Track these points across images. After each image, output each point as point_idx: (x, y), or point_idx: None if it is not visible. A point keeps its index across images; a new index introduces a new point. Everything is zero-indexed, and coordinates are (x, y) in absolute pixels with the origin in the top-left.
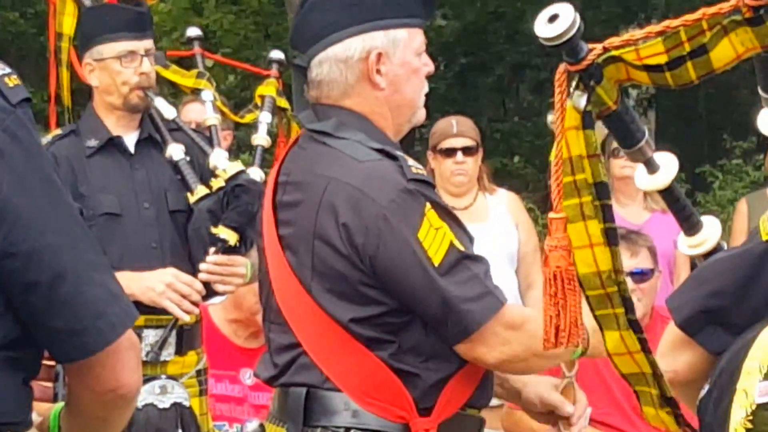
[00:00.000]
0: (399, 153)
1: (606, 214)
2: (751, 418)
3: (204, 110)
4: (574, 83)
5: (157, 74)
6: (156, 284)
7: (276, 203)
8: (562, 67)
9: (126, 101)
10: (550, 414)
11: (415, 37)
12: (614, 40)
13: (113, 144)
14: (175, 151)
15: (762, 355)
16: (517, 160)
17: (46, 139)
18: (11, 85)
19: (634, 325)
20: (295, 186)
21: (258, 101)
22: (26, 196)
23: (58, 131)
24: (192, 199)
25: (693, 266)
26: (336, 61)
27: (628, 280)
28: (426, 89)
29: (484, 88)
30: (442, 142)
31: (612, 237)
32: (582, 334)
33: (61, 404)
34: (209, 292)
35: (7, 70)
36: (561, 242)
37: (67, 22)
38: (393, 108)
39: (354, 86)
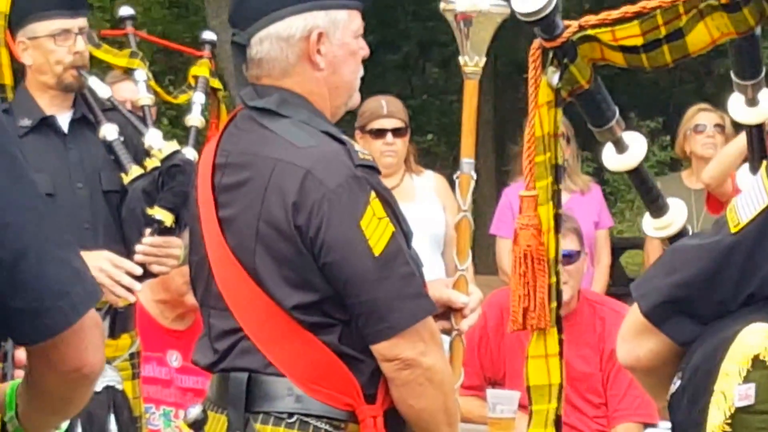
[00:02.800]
0: (344, 137)
1: (556, 198)
2: (729, 421)
3: (135, 89)
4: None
5: (90, 54)
6: (89, 268)
7: (214, 185)
8: (536, 42)
9: (60, 80)
10: (446, 312)
11: (354, 18)
12: (590, 18)
13: (46, 124)
14: (109, 131)
15: (741, 357)
16: (429, 137)
17: None
18: None
19: (559, 323)
20: (237, 167)
21: (191, 81)
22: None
23: None
24: (126, 179)
25: (614, 249)
26: (277, 39)
27: None
28: (361, 73)
29: (391, 65)
30: (372, 122)
31: (558, 224)
32: (547, 317)
33: (17, 381)
34: (145, 273)
35: None
36: (532, 221)
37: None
38: (331, 89)
39: (295, 66)
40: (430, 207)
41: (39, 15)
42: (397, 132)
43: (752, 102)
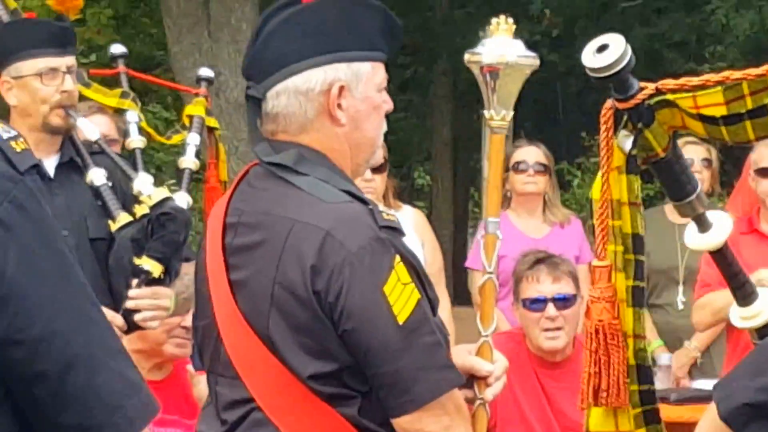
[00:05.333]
0: (367, 197)
1: (637, 270)
2: None
3: (108, 122)
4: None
5: (79, 93)
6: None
7: (225, 245)
8: (609, 102)
9: (46, 122)
10: (469, 380)
11: (378, 71)
12: (668, 82)
13: None
14: (97, 175)
15: None
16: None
17: None
18: (18, 150)
19: (650, 416)
20: (250, 228)
21: (186, 121)
22: (35, 276)
23: None
24: (114, 226)
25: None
26: (295, 93)
27: (550, 306)
28: (385, 128)
29: None
30: None
31: (638, 297)
32: (624, 396)
33: None
34: (130, 326)
35: (13, 132)
36: (605, 293)
37: None
38: (352, 146)
39: (313, 121)
40: (409, 244)
41: (25, 53)
42: (375, 168)
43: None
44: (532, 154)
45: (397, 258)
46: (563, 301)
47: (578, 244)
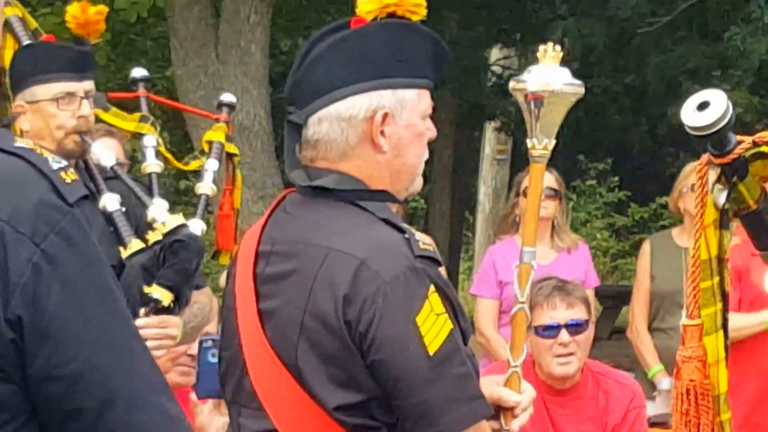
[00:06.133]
0: (404, 225)
1: (726, 328)
2: None
3: (116, 145)
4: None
5: (96, 118)
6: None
7: (256, 274)
8: (704, 158)
9: (60, 147)
10: (497, 410)
11: (423, 98)
12: (765, 135)
13: None
14: (110, 201)
15: None
16: None
17: None
18: (68, 180)
19: None
20: (283, 256)
21: (204, 147)
22: (78, 310)
23: None
24: (124, 253)
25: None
26: (338, 120)
27: (564, 332)
28: (426, 156)
29: None
30: None
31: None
32: None
33: None
34: None
35: (63, 163)
36: (695, 352)
37: (8, 56)
38: (393, 173)
39: (354, 148)
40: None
41: (42, 77)
42: None
43: None
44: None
45: (432, 288)
46: (576, 327)
47: (584, 269)
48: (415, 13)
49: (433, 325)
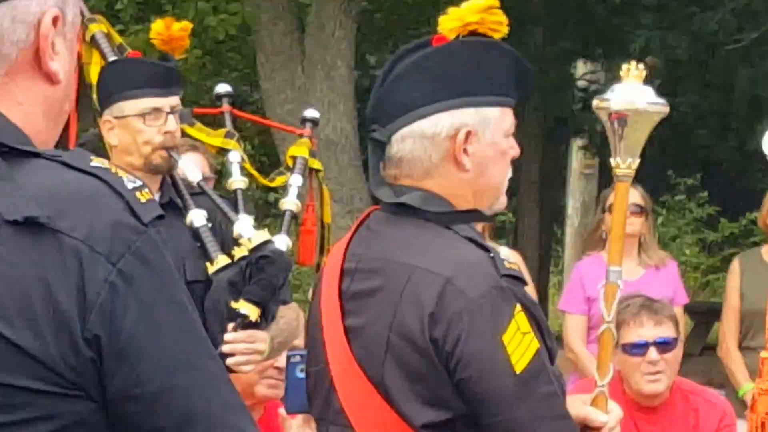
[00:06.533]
0: (488, 245)
1: None
2: None
3: (201, 160)
4: None
5: (182, 132)
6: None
7: (341, 291)
8: None
9: (147, 162)
10: (583, 430)
11: (506, 116)
12: None
13: None
14: (197, 217)
15: None
16: None
17: None
18: (143, 200)
19: None
20: (368, 273)
21: (289, 162)
22: (155, 329)
23: None
24: (211, 269)
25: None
26: (421, 138)
27: (652, 350)
28: (510, 174)
29: None
30: None
31: None
32: None
33: None
34: (227, 370)
35: (138, 182)
36: None
37: (94, 71)
38: (476, 192)
39: (438, 166)
40: None
41: (128, 93)
42: None
43: None
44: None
45: (518, 307)
46: (665, 345)
47: (673, 287)
48: (497, 30)
49: (519, 344)
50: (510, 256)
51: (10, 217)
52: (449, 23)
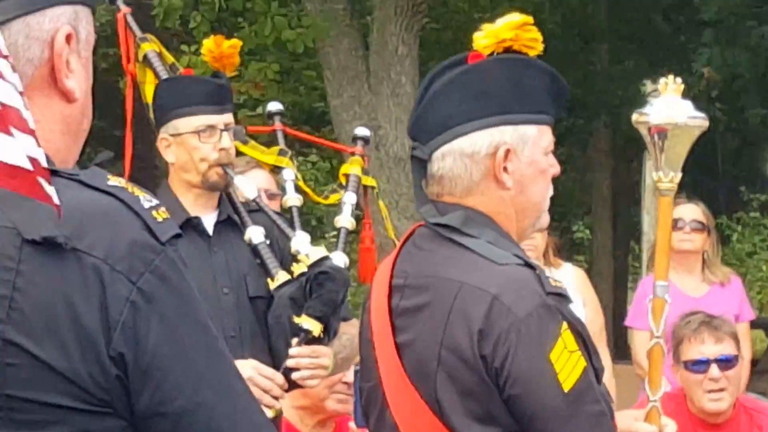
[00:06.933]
0: (534, 262)
1: None
2: None
3: (267, 177)
4: None
5: (236, 150)
6: None
7: (391, 308)
8: None
9: (204, 179)
10: None
11: (544, 134)
12: None
13: (191, 225)
14: (255, 233)
15: None
16: None
17: None
18: (160, 219)
19: None
20: (417, 290)
21: (342, 180)
22: (178, 347)
23: None
24: (272, 285)
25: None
26: (461, 156)
27: (714, 368)
28: (551, 192)
29: None
30: None
31: None
32: None
33: None
34: (291, 384)
35: (154, 201)
36: None
37: (149, 90)
38: (518, 210)
39: (479, 183)
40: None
41: (182, 111)
42: None
43: None
44: (689, 211)
45: (564, 325)
46: (726, 362)
47: (738, 303)
48: (532, 48)
49: (567, 362)
50: (577, 273)
51: (29, 236)
52: (484, 40)
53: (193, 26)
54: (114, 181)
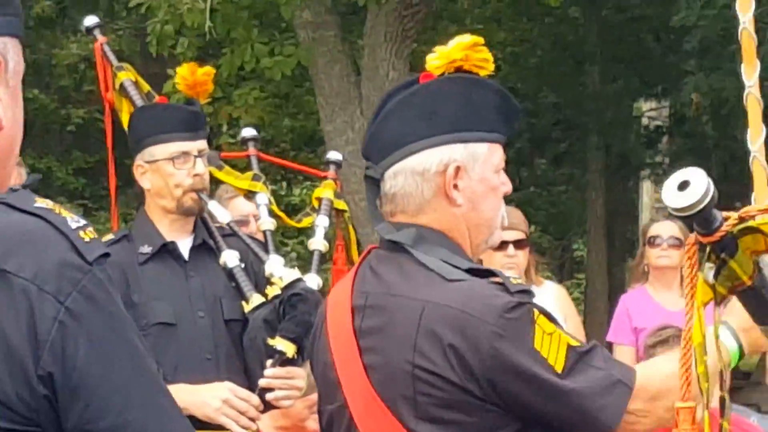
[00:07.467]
0: (491, 268)
1: (725, 409)
2: None
3: (248, 204)
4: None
5: (211, 175)
6: (212, 400)
7: (355, 328)
8: (691, 237)
9: (179, 204)
10: None
11: (495, 152)
12: (751, 209)
13: (167, 250)
14: (230, 257)
15: None
16: (532, 229)
17: None
18: (87, 239)
19: None
20: (378, 310)
21: (315, 204)
22: (106, 366)
23: (110, 236)
24: (247, 308)
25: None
26: (412, 174)
27: None
28: (503, 209)
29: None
30: None
31: None
32: None
33: None
34: (266, 406)
35: (82, 222)
36: None
37: (126, 119)
38: (470, 226)
39: (430, 201)
40: None
41: (157, 138)
42: (518, 244)
43: None
44: (666, 228)
45: (536, 312)
46: None
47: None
48: (483, 68)
49: (550, 345)
50: (558, 290)
51: None
52: (435, 61)
53: (180, 51)
54: (41, 202)
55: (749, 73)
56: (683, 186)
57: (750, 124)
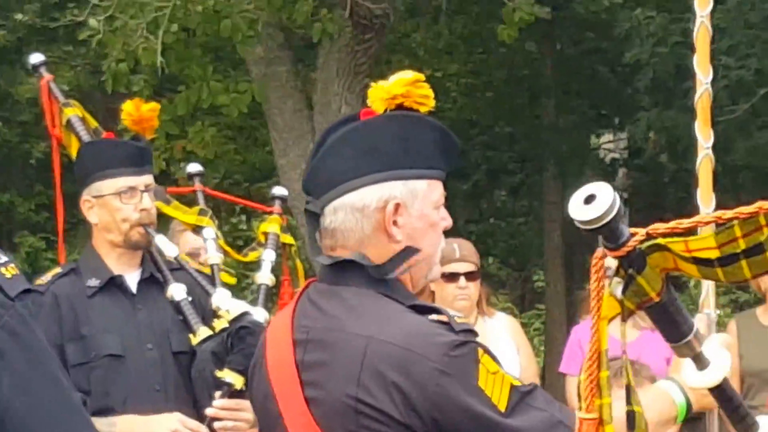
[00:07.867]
0: (435, 305)
1: (630, 421)
2: None
3: (199, 238)
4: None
5: (158, 210)
6: (162, 430)
7: (297, 362)
8: (599, 251)
9: (126, 238)
10: None
11: (435, 189)
12: (658, 227)
13: (114, 284)
14: (177, 291)
15: None
16: (491, 260)
17: (45, 278)
18: (9, 275)
19: None
20: (320, 344)
21: (261, 238)
22: (31, 400)
23: (58, 269)
24: (194, 340)
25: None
26: (352, 210)
27: None
28: (443, 245)
29: (460, 196)
30: (445, 266)
31: None
32: None
33: None
34: None
35: (3, 258)
36: None
37: (74, 153)
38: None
39: (370, 237)
40: (504, 349)
41: (104, 173)
42: (470, 275)
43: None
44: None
45: (480, 351)
46: None
47: (668, 349)
48: (423, 104)
49: (494, 384)
50: (510, 321)
51: None
52: (376, 97)
53: (136, 90)
54: None
55: (704, 71)
56: (589, 199)
57: (698, 120)
